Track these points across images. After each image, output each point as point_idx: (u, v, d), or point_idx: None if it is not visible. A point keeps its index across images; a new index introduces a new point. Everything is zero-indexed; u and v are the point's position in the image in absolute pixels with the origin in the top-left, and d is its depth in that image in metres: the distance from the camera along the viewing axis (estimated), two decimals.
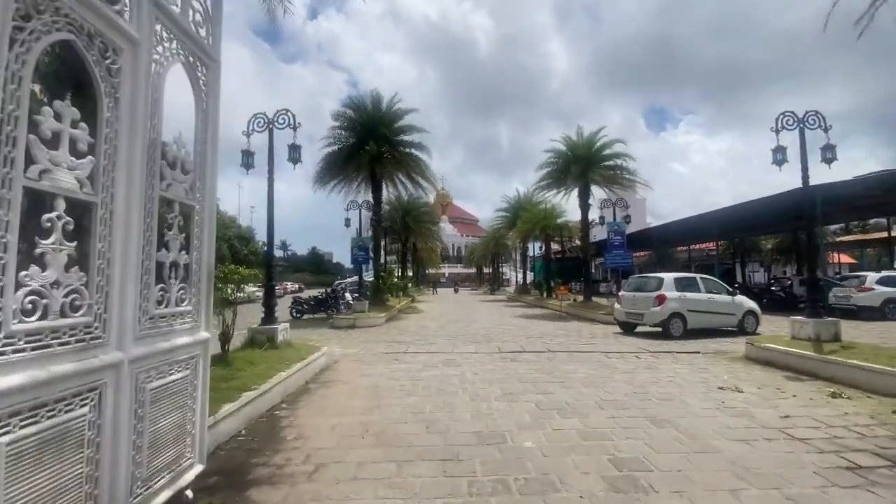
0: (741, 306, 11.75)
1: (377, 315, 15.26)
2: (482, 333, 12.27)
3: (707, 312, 11.41)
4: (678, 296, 11.21)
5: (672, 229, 28.06)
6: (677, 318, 11.05)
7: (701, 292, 11.53)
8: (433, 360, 8.14)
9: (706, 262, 49.84)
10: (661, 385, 6.23)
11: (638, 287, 12.22)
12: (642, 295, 11.67)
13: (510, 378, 6.61)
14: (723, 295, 11.80)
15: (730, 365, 7.68)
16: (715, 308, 11.53)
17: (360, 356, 8.69)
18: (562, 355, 8.58)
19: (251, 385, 4.98)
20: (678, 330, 10.99)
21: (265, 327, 7.10)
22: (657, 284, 11.59)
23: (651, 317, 11.21)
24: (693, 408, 5.17)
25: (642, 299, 11.57)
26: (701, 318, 11.32)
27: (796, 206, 19.85)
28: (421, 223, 33.57)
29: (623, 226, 16.04)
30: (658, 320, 11.08)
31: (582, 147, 18.42)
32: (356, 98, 18.20)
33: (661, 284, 11.46)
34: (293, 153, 7.65)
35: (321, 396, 5.74)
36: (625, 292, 12.47)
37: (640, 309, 11.54)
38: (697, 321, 11.25)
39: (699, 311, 11.31)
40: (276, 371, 5.70)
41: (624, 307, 12.18)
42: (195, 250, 3.04)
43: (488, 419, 4.71)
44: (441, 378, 6.65)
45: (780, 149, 8.23)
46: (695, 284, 11.71)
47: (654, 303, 11.13)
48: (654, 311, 11.13)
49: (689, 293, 11.36)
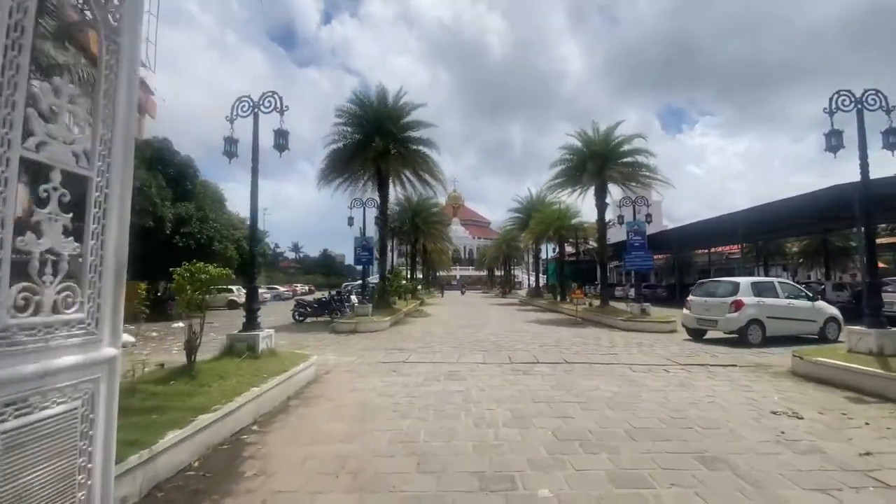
0: (822, 312, 10.92)
1: (381, 319, 14.46)
2: (492, 340, 11.37)
3: (787, 319, 10.63)
4: (756, 301, 10.45)
5: (691, 231, 26.82)
6: (756, 325, 10.31)
7: (779, 297, 10.80)
8: (436, 372, 7.27)
9: (725, 265, 48.21)
10: (702, 407, 5.27)
11: (709, 292, 11.46)
12: (716, 300, 10.92)
13: (522, 396, 5.71)
14: (802, 300, 11.03)
15: (776, 382, 6.66)
16: (795, 314, 10.74)
17: (356, 366, 7.87)
18: (580, 367, 7.63)
19: (213, 404, 4.19)
20: (757, 337, 10.24)
21: (246, 334, 6.32)
22: (733, 289, 10.83)
23: (727, 323, 10.47)
24: (747, 440, 4.21)
25: (716, 305, 10.82)
26: (780, 324, 10.55)
27: (833, 204, 18.64)
28: (430, 224, 32.78)
29: (643, 225, 14.97)
30: (735, 327, 10.35)
31: (598, 143, 17.42)
32: (361, 93, 17.52)
33: (738, 289, 10.69)
34: (279, 139, 6.89)
35: (299, 417, 4.92)
36: (694, 297, 11.68)
37: (713, 315, 10.79)
38: (777, 328, 10.48)
39: (778, 318, 10.53)
40: (248, 386, 4.91)
41: (694, 313, 11.38)
42: (94, 238, 2.25)
43: (495, 453, 3.83)
44: (442, 395, 5.78)
45: (834, 133, 7.20)
46: (772, 289, 10.99)
47: (730, 308, 10.41)
48: (730, 318, 10.39)
49: (767, 298, 10.63)
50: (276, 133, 6.90)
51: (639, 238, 14.69)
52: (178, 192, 22.04)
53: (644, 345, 10.53)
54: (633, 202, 15.23)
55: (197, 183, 23.70)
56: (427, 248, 38.23)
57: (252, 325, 6.45)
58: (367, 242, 16.16)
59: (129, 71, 2.47)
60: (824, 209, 19.67)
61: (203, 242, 21.04)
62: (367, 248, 16.14)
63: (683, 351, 9.60)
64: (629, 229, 14.93)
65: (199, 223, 21.32)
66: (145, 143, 22.85)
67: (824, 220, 23.74)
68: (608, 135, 17.49)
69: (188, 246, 20.47)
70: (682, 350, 9.71)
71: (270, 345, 6.63)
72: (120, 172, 2.40)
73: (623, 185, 17.55)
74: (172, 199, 21.31)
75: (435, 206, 33.04)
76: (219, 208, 25.89)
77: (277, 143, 6.91)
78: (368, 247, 16.18)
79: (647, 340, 11.31)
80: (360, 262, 16.39)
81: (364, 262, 16.35)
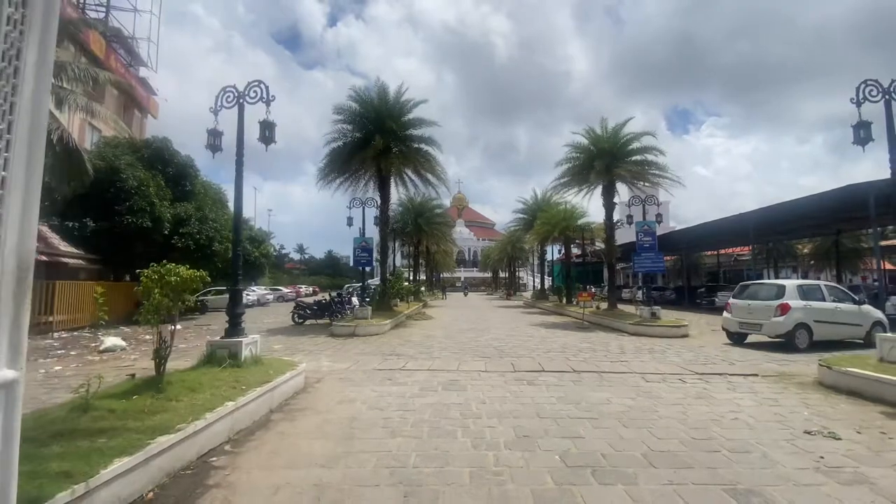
0: (868, 316, 10.58)
1: (381, 322, 13.99)
2: (494, 346, 10.85)
3: (834, 323, 10.37)
4: (802, 305, 10.19)
5: (700, 232, 26.17)
6: (803, 329, 10.08)
7: (826, 301, 10.54)
8: (433, 381, 6.78)
9: (734, 267, 47.32)
10: (726, 425, 4.74)
11: (753, 295, 11.14)
12: (760, 304, 10.63)
13: (526, 410, 5.20)
14: (848, 303, 10.70)
15: (803, 394, 6.11)
16: (842, 318, 10.46)
17: (349, 373, 7.39)
18: (589, 377, 7.11)
19: (178, 423, 3.72)
20: (804, 342, 10.02)
21: (228, 340, 5.84)
22: (778, 292, 10.56)
23: (772, 327, 10.21)
24: (782, 466, 3.69)
25: (760, 308, 10.53)
26: (827, 329, 10.31)
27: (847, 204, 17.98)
28: (433, 225, 32.28)
29: (654, 225, 14.38)
30: (781, 331, 10.10)
31: (607, 140, 16.85)
32: (361, 90, 17.04)
33: (783, 292, 10.41)
34: (265, 131, 6.41)
35: (280, 435, 4.44)
36: (736, 300, 11.37)
37: (757, 319, 10.50)
38: (823, 332, 10.24)
39: (825, 322, 10.29)
40: (224, 400, 4.44)
41: (736, 316, 11.07)
42: None
43: (494, 484, 3.33)
44: (438, 408, 5.29)
45: (863, 125, 6.65)
46: (819, 292, 10.73)
47: (776, 312, 10.13)
48: (775, 322, 10.12)
49: (813, 302, 10.37)
50: (261, 125, 6.42)
51: (649, 239, 14.11)
52: (178, 193, 21.74)
53: (656, 351, 9.97)
54: (643, 201, 14.65)
55: (197, 183, 23.39)
56: (430, 249, 37.76)
57: (235, 330, 5.98)
58: (366, 243, 15.67)
59: (42, 26, 2.02)
60: (838, 209, 19.03)
61: (203, 243, 20.71)
62: (367, 250, 15.66)
63: (698, 358, 9.04)
64: (639, 229, 14.35)
65: (199, 223, 20.99)
66: (144, 143, 22.61)
67: (837, 220, 23.07)
68: (617, 132, 16.93)
69: (187, 246, 20.14)
70: (696, 357, 9.15)
71: (256, 352, 6.16)
72: (25, 155, 1.94)
73: (631, 185, 16.97)
74: (171, 199, 21.00)
75: (438, 206, 32.54)
76: (220, 209, 25.58)
77: (263, 135, 6.44)
78: (368, 248, 15.70)
79: (658, 346, 10.75)
80: (360, 264, 15.90)
81: (363, 264, 15.86)
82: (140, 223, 18.22)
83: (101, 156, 18.74)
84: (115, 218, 17.93)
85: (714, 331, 14.43)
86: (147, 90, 31.57)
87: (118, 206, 17.94)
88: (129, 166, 18.97)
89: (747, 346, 10.76)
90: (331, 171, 17.02)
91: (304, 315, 16.79)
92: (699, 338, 12.56)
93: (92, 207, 17.75)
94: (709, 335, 13.29)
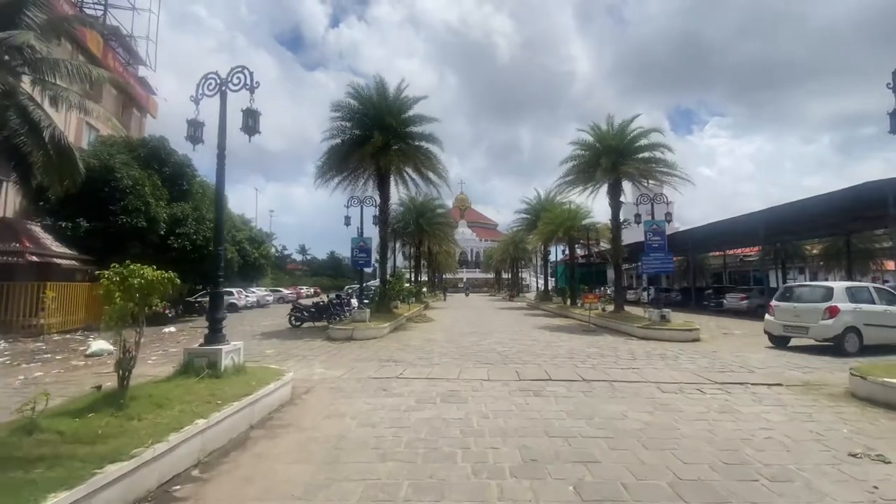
0: None
1: (380, 325, 13.50)
2: (498, 350, 10.34)
3: (885, 326, 9.94)
4: (852, 307, 9.81)
5: (706, 232, 25.59)
6: (852, 333, 9.71)
7: (876, 303, 10.13)
8: (431, 391, 6.28)
9: (740, 268, 46.59)
10: (759, 445, 4.22)
11: (798, 297, 10.88)
12: (806, 306, 10.29)
13: (534, 428, 4.69)
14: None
15: (837, 408, 5.57)
16: (893, 322, 10.00)
17: (342, 382, 6.90)
18: (600, 387, 6.59)
19: (135, 447, 3.24)
20: (854, 346, 9.66)
21: (207, 348, 5.35)
22: (826, 294, 10.22)
23: (820, 330, 9.88)
24: (833, 500, 3.17)
25: (807, 311, 10.19)
26: (878, 332, 9.89)
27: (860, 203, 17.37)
28: (435, 225, 31.75)
29: (663, 224, 13.83)
30: (830, 335, 9.75)
31: (613, 137, 16.31)
32: (359, 86, 16.55)
33: (832, 294, 10.07)
34: (248, 120, 5.92)
35: (256, 457, 3.95)
36: (779, 302, 11.02)
37: (803, 322, 10.18)
38: (874, 336, 9.83)
39: (876, 325, 9.88)
40: (194, 417, 3.96)
41: (780, 319, 10.75)
42: None
43: None
44: (436, 425, 4.79)
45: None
46: (868, 294, 10.35)
47: (824, 315, 9.78)
48: (823, 325, 9.79)
49: (863, 304, 9.98)
50: (244, 113, 5.94)
51: (658, 238, 13.57)
52: (175, 192, 21.35)
53: (668, 357, 9.44)
54: (652, 199, 14.10)
55: (195, 183, 23.00)
56: (432, 250, 37.27)
57: (215, 337, 5.48)
58: (364, 243, 15.17)
59: None
60: (851, 208, 18.45)
61: (199, 244, 20.28)
62: (365, 250, 15.16)
63: (714, 365, 8.51)
64: (647, 229, 13.81)
65: (196, 224, 20.57)
66: (140, 142, 22.23)
67: (850, 219, 22.46)
68: (623, 128, 16.38)
69: (183, 247, 19.72)
70: (712, 364, 8.62)
71: (238, 360, 5.68)
72: None
73: (638, 183, 16.44)
74: (168, 199, 20.61)
75: (440, 206, 32.03)
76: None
77: (246, 124, 5.95)
78: (366, 248, 15.19)
79: (670, 351, 10.22)
80: (358, 265, 15.40)
81: (361, 265, 15.37)
82: (135, 223, 17.83)
83: (96, 155, 18.36)
84: (110, 218, 17.55)
85: (725, 334, 13.90)
86: (146, 89, 31.26)
87: (112, 206, 17.56)
88: (125, 165, 18.59)
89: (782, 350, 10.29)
90: (329, 170, 16.54)
91: (302, 318, 16.34)
92: (711, 342, 12.02)
93: (85, 207, 17.36)
94: (721, 339, 12.75)
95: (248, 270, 31.21)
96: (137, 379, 6.61)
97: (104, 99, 25.38)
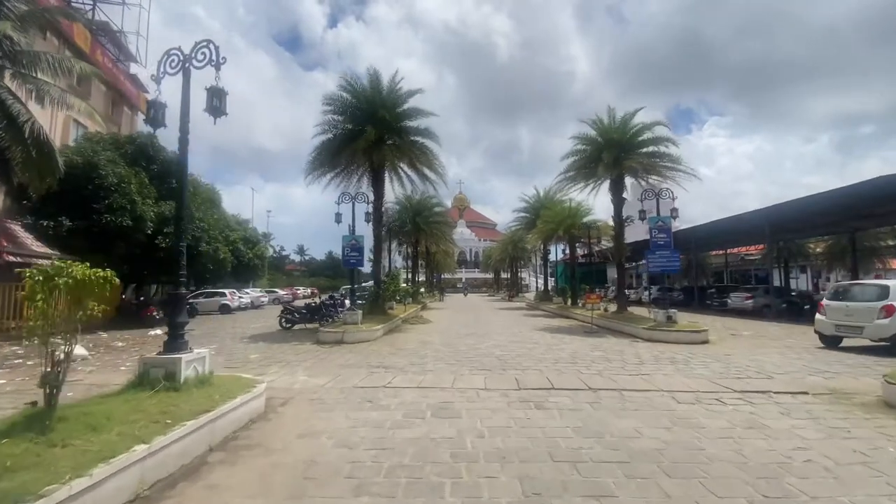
0: None
1: (372, 327, 12.88)
2: (496, 354, 9.73)
3: None
4: None
5: (708, 231, 25.02)
6: None
7: None
8: (422, 403, 5.65)
9: (741, 267, 46.02)
10: (799, 471, 3.60)
11: (851, 296, 10.48)
12: (860, 305, 9.92)
13: (536, 449, 4.07)
14: None
15: (875, 421, 4.96)
16: None
17: (324, 392, 6.28)
18: (609, 397, 5.97)
19: (48, 483, 2.62)
20: None
21: (164, 357, 4.72)
22: (881, 292, 9.74)
23: (875, 330, 9.53)
24: None
25: (860, 310, 9.82)
26: None
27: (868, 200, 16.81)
28: (432, 224, 31.11)
29: (669, 221, 13.22)
30: (888, 335, 9.40)
31: (615, 130, 15.70)
32: (352, 78, 15.90)
33: (888, 292, 9.57)
34: (213, 100, 5.29)
35: (208, 490, 3.33)
36: (830, 301, 10.71)
37: (857, 321, 9.82)
38: None
39: None
40: (135, 441, 3.34)
41: (831, 318, 10.41)
42: None
43: None
44: (424, 446, 4.17)
45: None
46: None
47: (880, 314, 9.41)
48: (879, 324, 9.41)
49: None
50: (209, 91, 5.28)
51: (664, 235, 12.96)
52: (163, 191, 20.66)
53: (678, 361, 8.83)
54: (657, 194, 13.49)
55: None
56: (430, 249, 36.65)
57: (175, 344, 4.84)
58: (356, 241, 14.51)
59: None
60: (858, 205, 17.91)
61: (189, 244, 19.61)
62: (357, 248, 14.50)
63: (729, 370, 7.89)
64: (653, 225, 13.20)
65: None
66: (128, 139, 21.57)
67: (856, 217, 21.93)
68: (626, 122, 15.77)
69: (171, 247, 19.08)
70: (727, 369, 8.00)
71: (203, 370, 5.04)
72: None
73: (642, 178, 15.83)
74: (156, 197, 19.93)
75: (437, 205, 31.39)
76: (209, 208, 24.54)
77: (210, 104, 5.32)
78: (358, 246, 14.54)
79: (679, 354, 9.62)
80: (349, 264, 14.75)
81: (353, 264, 14.72)
82: (120, 222, 17.16)
83: (80, 151, 17.72)
84: (93, 216, 16.87)
85: (734, 335, 13.31)
86: (137, 86, 30.59)
87: (96, 204, 16.88)
88: (110, 163, 17.92)
89: (782, 350, 9.64)
90: (320, 165, 15.90)
91: (293, 320, 15.72)
92: (721, 344, 11.42)
93: (68, 205, 16.69)
94: (730, 340, 12.16)
95: (242, 271, 30.54)
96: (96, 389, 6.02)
97: (93, 96, 24.72)
